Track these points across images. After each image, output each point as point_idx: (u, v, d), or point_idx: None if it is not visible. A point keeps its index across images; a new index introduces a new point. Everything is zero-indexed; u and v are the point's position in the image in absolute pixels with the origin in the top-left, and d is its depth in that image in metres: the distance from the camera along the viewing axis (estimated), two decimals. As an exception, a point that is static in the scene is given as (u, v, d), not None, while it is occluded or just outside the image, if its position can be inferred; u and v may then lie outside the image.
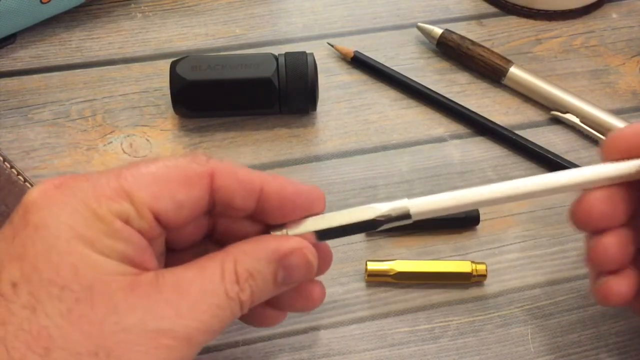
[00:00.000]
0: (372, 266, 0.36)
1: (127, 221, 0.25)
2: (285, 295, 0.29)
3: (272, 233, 0.29)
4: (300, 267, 0.28)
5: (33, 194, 0.25)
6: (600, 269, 0.31)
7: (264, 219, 0.29)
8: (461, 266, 0.36)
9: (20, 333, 0.23)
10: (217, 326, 0.26)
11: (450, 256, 0.38)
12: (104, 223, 0.25)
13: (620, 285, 0.30)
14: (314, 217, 0.29)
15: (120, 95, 0.44)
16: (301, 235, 0.28)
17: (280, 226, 0.29)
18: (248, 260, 0.27)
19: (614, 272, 0.30)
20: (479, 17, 0.50)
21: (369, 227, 0.29)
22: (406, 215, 0.29)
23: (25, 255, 0.24)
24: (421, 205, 0.29)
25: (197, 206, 0.27)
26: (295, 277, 0.28)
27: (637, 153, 0.29)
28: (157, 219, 0.26)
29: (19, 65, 0.45)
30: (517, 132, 0.43)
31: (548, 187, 0.30)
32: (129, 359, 0.23)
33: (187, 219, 0.27)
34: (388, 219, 0.29)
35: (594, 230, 0.30)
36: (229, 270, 0.26)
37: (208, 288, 0.26)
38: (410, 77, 0.45)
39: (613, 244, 0.30)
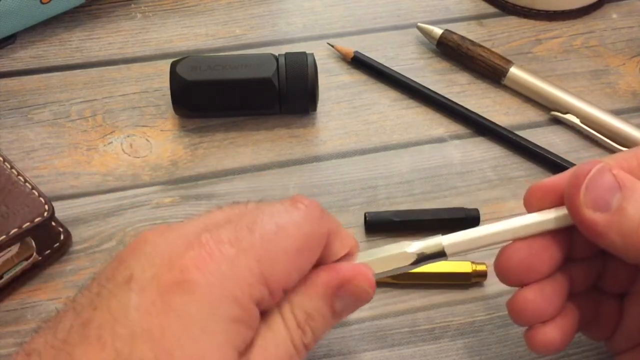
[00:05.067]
0: (373, 266, 0.36)
1: (259, 304, 0.25)
2: None
3: None
4: (356, 296, 0.27)
5: (174, 274, 0.24)
6: (522, 324, 0.30)
7: None
8: (461, 266, 0.36)
9: None
10: None
11: (451, 256, 0.38)
12: (241, 309, 0.24)
13: (546, 335, 0.29)
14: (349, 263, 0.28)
15: (120, 95, 0.44)
16: None
17: None
18: (304, 302, 0.27)
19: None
20: (479, 17, 0.50)
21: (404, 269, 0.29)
22: (441, 253, 0.29)
23: (162, 339, 0.23)
24: (455, 242, 0.29)
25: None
26: (352, 306, 0.28)
27: (555, 202, 0.28)
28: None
29: (19, 65, 0.45)
30: (517, 132, 0.43)
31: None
32: None
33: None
34: (422, 258, 0.29)
35: (516, 284, 0.29)
36: (289, 318, 0.26)
37: (280, 343, 0.26)
38: (410, 78, 0.45)
39: (533, 299, 0.28)
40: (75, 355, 0.23)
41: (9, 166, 0.38)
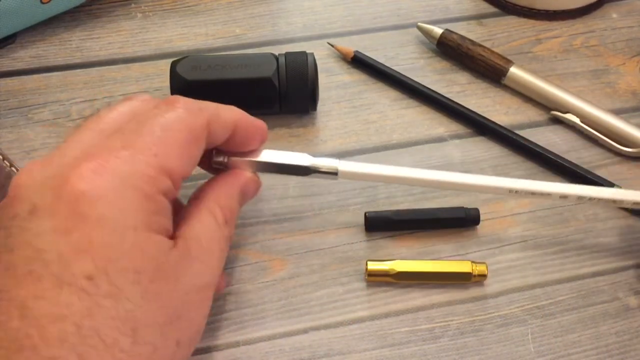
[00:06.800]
0: (373, 266, 0.36)
1: (166, 194, 0.27)
2: None
3: (215, 159, 0.34)
4: (253, 192, 0.35)
5: (76, 185, 0.25)
6: None
7: (222, 146, 0.33)
8: (461, 266, 0.36)
9: (110, 321, 0.24)
10: (223, 266, 0.31)
11: (451, 256, 0.38)
12: (154, 202, 0.27)
13: None
14: (255, 151, 0.34)
15: (120, 95, 0.44)
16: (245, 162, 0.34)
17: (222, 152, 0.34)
18: (228, 201, 0.32)
19: None
20: (479, 17, 0.50)
21: (300, 173, 0.34)
22: (334, 172, 0.35)
23: (95, 249, 0.25)
24: (348, 168, 0.34)
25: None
26: (249, 199, 0.34)
27: None
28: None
29: (19, 65, 0.45)
30: (517, 132, 0.43)
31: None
32: (191, 316, 0.28)
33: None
34: (317, 170, 0.34)
35: None
36: (219, 216, 0.31)
37: (214, 238, 0.30)
38: (410, 77, 0.45)
39: None
40: (15, 297, 0.23)
41: (8, 164, 0.38)
